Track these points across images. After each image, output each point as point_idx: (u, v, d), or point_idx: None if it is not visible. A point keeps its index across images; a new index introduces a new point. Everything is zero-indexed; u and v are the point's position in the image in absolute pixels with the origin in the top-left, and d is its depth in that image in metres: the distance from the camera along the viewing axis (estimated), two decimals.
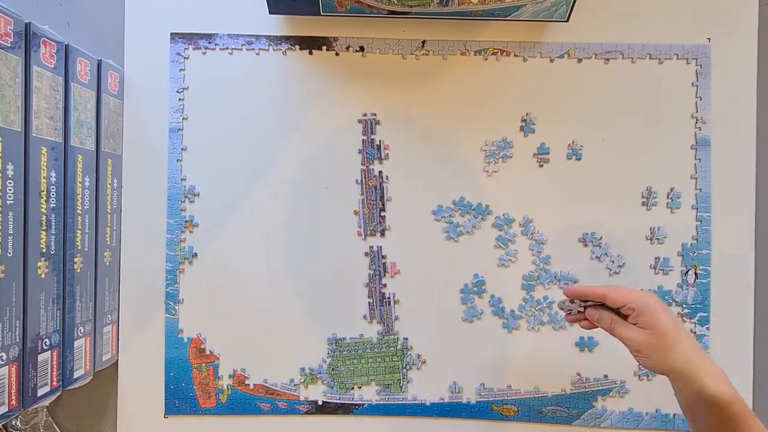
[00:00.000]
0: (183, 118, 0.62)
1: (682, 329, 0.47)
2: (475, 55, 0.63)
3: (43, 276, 0.49)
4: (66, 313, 0.53)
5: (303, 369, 0.63)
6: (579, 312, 0.52)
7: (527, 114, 0.63)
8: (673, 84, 0.63)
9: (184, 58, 0.63)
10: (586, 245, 0.63)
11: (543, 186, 0.63)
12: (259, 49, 0.63)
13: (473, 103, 0.63)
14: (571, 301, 0.52)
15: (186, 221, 0.62)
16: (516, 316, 0.63)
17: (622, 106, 0.63)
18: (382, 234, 0.63)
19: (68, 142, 0.53)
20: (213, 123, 0.63)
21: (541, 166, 0.63)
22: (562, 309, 0.52)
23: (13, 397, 0.47)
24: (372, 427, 0.63)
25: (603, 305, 0.51)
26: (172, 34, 0.63)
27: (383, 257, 0.63)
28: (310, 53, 0.63)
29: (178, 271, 0.62)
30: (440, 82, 0.63)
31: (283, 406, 0.63)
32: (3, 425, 0.58)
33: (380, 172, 0.63)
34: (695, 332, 0.62)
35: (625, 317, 0.49)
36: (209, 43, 0.63)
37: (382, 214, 0.63)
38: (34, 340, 0.49)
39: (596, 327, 0.51)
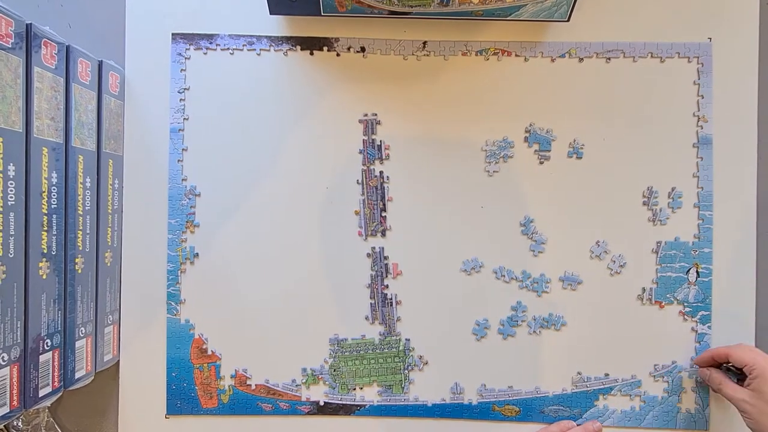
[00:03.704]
0: (184, 119, 0.63)
1: None
2: (476, 55, 0.63)
3: (44, 276, 0.49)
4: (67, 313, 0.53)
5: (305, 369, 0.63)
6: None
7: (531, 124, 0.63)
8: (675, 83, 0.63)
9: (185, 58, 0.63)
10: (587, 245, 0.63)
11: (544, 186, 0.63)
12: (260, 49, 0.63)
13: (474, 103, 0.63)
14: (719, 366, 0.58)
15: (187, 221, 0.62)
16: (516, 316, 0.63)
17: (623, 105, 0.63)
18: (383, 234, 0.63)
19: (69, 142, 0.53)
20: (214, 123, 0.63)
21: (541, 163, 0.63)
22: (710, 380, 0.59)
23: (15, 398, 0.47)
24: (373, 428, 0.63)
25: (720, 365, 0.58)
26: (173, 34, 0.63)
27: (385, 258, 0.63)
28: (311, 54, 0.63)
29: (179, 272, 0.62)
30: (441, 82, 0.63)
31: (285, 407, 0.63)
32: (4, 426, 0.58)
33: (381, 173, 0.63)
34: (696, 330, 0.62)
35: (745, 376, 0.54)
36: (210, 43, 0.63)
37: (383, 214, 0.63)
38: (35, 340, 0.49)
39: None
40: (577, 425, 0.61)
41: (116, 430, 0.63)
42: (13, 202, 0.45)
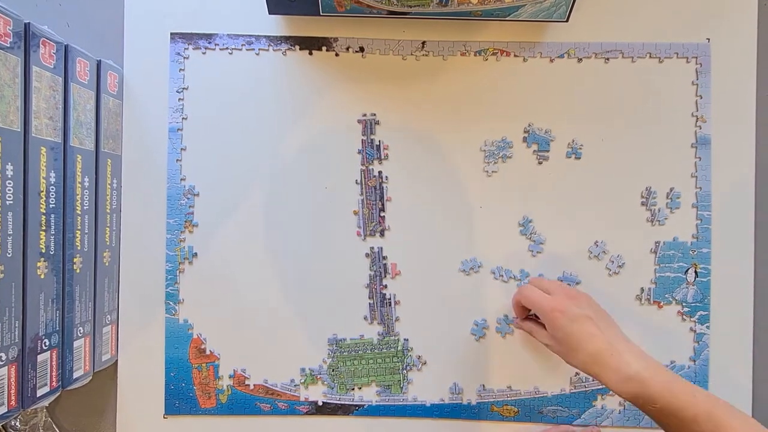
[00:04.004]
0: (183, 118, 0.62)
1: (583, 328, 0.48)
2: (475, 55, 0.63)
3: (42, 276, 0.49)
4: (65, 313, 0.53)
5: (303, 369, 0.63)
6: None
7: (530, 125, 0.63)
8: (673, 83, 0.63)
9: (184, 58, 0.63)
10: (585, 245, 0.63)
11: (542, 186, 0.63)
12: (259, 49, 0.63)
13: (473, 103, 0.63)
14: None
15: (186, 221, 0.62)
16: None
17: (621, 105, 0.63)
18: (382, 234, 0.63)
19: (68, 142, 0.53)
20: (213, 123, 0.63)
21: (540, 163, 0.63)
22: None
23: (13, 398, 0.46)
24: (372, 428, 0.63)
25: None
26: (171, 34, 0.63)
27: (384, 258, 0.63)
28: (310, 54, 0.63)
29: (177, 271, 0.62)
30: (440, 82, 0.63)
31: (283, 407, 0.63)
32: (2, 425, 0.58)
33: (380, 173, 0.63)
34: (695, 330, 0.62)
35: None
36: (209, 43, 0.63)
37: (382, 214, 0.63)
38: (33, 340, 0.49)
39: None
40: (576, 426, 0.61)
41: (114, 430, 0.62)
42: (11, 202, 0.45)
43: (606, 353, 0.47)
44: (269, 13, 0.60)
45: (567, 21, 0.60)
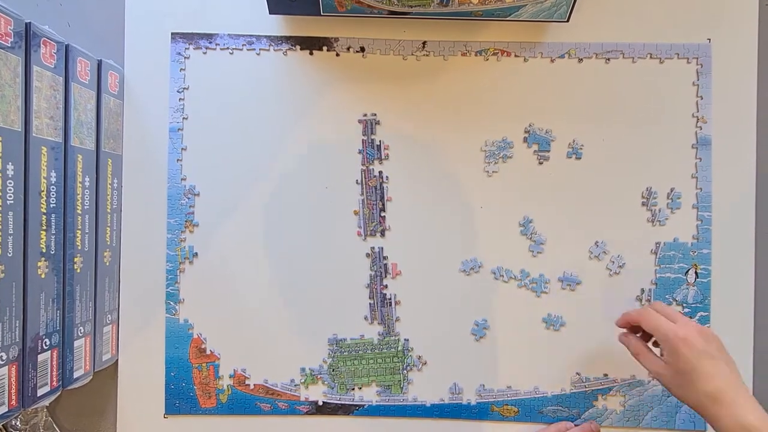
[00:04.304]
0: (183, 118, 0.62)
1: (707, 365, 0.47)
2: (475, 55, 0.63)
3: (43, 276, 0.49)
4: (66, 313, 0.53)
5: (303, 369, 0.63)
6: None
7: (530, 125, 0.63)
8: (674, 83, 0.63)
9: (185, 57, 0.63)
10: (586, 245, 0.63)
11: (543, 186, 0.63)
12: (260, 49, 0.63)
13: (473, 103, 0.63)
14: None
15: (186, 221, 0.62)
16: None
17: (622, 106, 0.63)
18: (382, 234, 0.63)
19: (68, 141, 0.53)
20: (213, 123, 0.63)
21: (540, 163, 0.63)
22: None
23: (13, 397, 0.46)
24: (372, 428, 0.63)
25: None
26: (172, 33, 0.63)
27: (384, 258, 0.63)
28: (311, 54, 0.63)
29: (178, 271, 0.62)
30: (441, 82, 0.63)
31: (284, 407, 0.63)
32: (3, 425, 0.58)
33: (380, 173, 0.63)
34: None
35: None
36: (210, 43, 0.63)
37: (382, 214, 0.63)
38: (34, 340, 0.49)
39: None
40: (575, 426, 0.61)
41: (115, 429, 0.62)
42: (12, 202, 0.45)
43: (726, 396, 0.46)
44: (270, 13, 0.60)
45: (568, 21, 0.60)
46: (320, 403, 0.63)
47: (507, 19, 0.60)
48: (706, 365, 0.47)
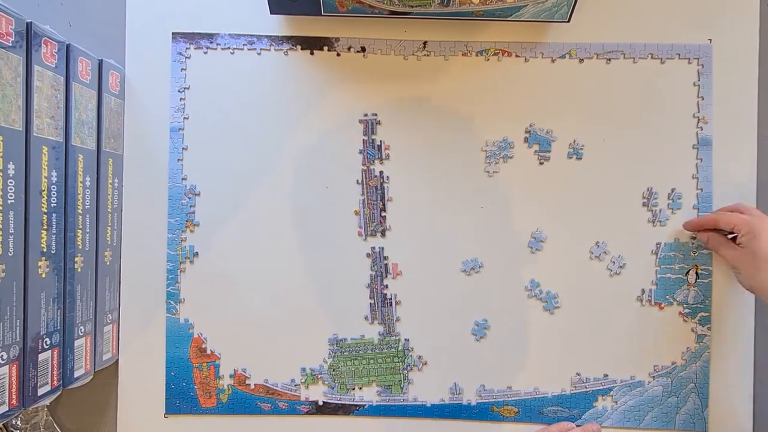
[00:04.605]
0: (184, 118, 0.62)
1: None
2: (476, 55, 0.63)
3: (43, 275, 0.49)
4: (66, 312, 0.53)
5: (304, 369, 0.63)
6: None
7: (531, 125, 0.63)
8: (675, 84, 0.63)
9: (186, 57, 0.63)
10: (586, 245, 0.63)
11: (543, 186, 0.63)
12: (261, 49, 0.63)
13: (474, 103, 0.63)
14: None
15: (187, 221, 0.62)
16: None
17: (623, 106, 0.63)
18: (383, 234, 0.63)
19: (69, 141, 0.53)
20: (214, 122, 0.63)
21: (541, 163, 0.63)
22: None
23: (14, 397, 0.46)
24: (372, 428, 0.63)
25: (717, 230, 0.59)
26: (173, 33, 0.63)
27: (385, 258, 0.63)
28: (312, 53, 0.63)
29: (179, 271, 0.62)
30: (441, 82, 0.63)
31: (284, 407, 0.63)
32: (3, 424, 0.58)
33: (381, 173, 0.63)
34: (696, 332, 0.62)
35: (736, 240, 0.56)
36: (211, 42, 0.63)
37: (383, 214, 0.63)
38: (34, 339, 0.49)
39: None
40: (576, 426, 0.61)
41: (115, 428, 0.62)
42: (12, 201, 0.45)
43: None
44: (271, 13, 0.60)
45: (568, 21, 0.60)
46: (320, 403, 0.63)
47: (508, 19, 0.60)
48: None
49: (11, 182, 0.45)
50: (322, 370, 0.63)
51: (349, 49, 0.63)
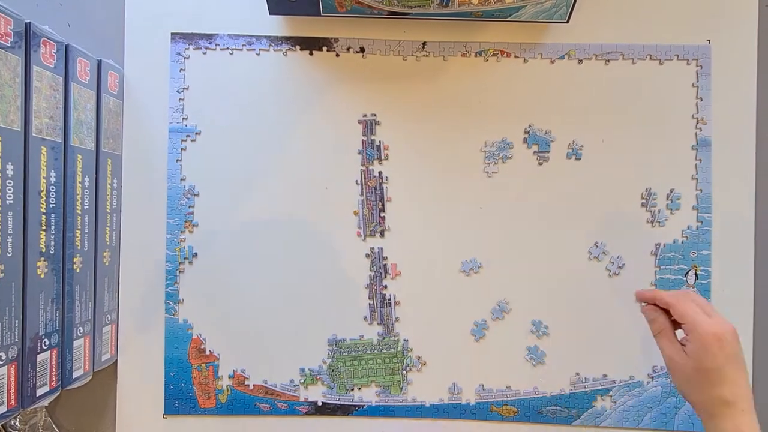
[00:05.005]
0: (183, 118, 0.62)
1: (734, 369, 0.45)
2: (475, 56, 0.63)
3: (42, 276, 0.49)
4: (65, 313, 0.53)
5: (303, 370, 0.63)
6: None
7: (530, 126, 0.63)
8: (674, 85, 0.63)
9: (185, 58, 0.63)
10: (585, 246, 0.63)
11: (543, 187, 0.63)
12: (260, 49, 0.63)
13: (473, 104, 0.63)
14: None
15: (186, 221, 0.62)
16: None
17: (622, 107, 0.63)
18: (382, 235, 0.63)
19: (68, 141, 0.53)
20: (213, 123, 0.63)
21: (540, 164, 0.63)
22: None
23: (12, 397, 0.46)
24: (371, 429, 0.63)
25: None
26: (172, 34, 0.63)
27: (384, 258, 0.63)
28: (311, 54, 0.63)
29: (177, 271, 0.62)
30: (440, 83, 0.63)
31: (283, 407, 0.63)
32: (2, 425, 0.58)
33: (380, 173, 0.63)
34: None
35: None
36: (210, 43, 0.63)
37: (382, 214, 0.63)
38: (33, 340, 0.49)
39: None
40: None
41: (114, 429, 0.62)
42: (11, 202, 0.45)
43: (741, 404, 0.45)
44: (270, 14, 0.60)
45: (567, 22, 0.60)
46: (320, 404, 0.63)
47: (507, 19, 0.60)
48: (732, 369, 0.45)
49: (10, 182, 0.45)
50: (321, 370, 0.63)
51: (348, 49, 0.63)
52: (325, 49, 0.63)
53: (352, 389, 0.63)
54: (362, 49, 0.63)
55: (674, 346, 0.49)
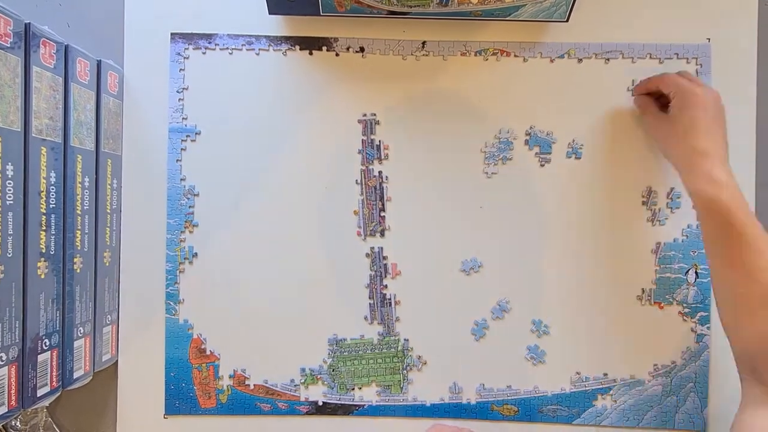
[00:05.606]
0: (183, 118, 0.62)
1: (709, 124, 0.49)
2: (475, 55, 0.63)
3: (42, 276, 0.49)
4: (66, 313, 0.53)
5: (303, 369, 0.63)
6: None
7: (531, 127, 0.63)
8: None
9: (184, 58, 0.63)
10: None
11: (543, 186, 0.63)
12: (259, 49, 0.63)
13: (473, 103, 0.63)
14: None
15: (186, 221, 0.62)
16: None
17: (622, 106, 0.63)
18: (382, 234, 0.63)
19: (68, 142, 0.53)
20: (213, 123, 0.63)
21: (542, 165, 0.63)
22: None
23: (13, 398, 0.46)
24: (372, 428, 0.63)
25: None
26: (172, 34, 0.63)
27: (384, 258, 0.63)
28: (310, 54, 0.63)
29: (178, 271, 0.62)
30: (440, 82, 0.63)
31: (284, 407, 0.63)
32: (3, 425, 0.58)
33: (380, 173, 0.63)
34: (696, 331, 0.62)
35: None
36: (209, 43, 0.63)
37: (382, 214, 0.63)
38: (33, 340, 0.49)
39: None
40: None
41: (115, 429, 0.62)
42: (11, 202, 0.45)
43: (712, 154, 0.48)
44: (269, 13, 0.60)
45: (567, 21, 0.60)
46: (320, 404, 0.63)
47: (506, 19, 0.60)
48: (710, 124, 0.49)
49: (10, 183, 0.45)
50: (322, 370, 0.63)
51: (347, 49, 0.63)
52: (324, 48, 0.63)
53: (353, 389, 0.63)
54: (362, 49, 0.63)
55: (658, 113, 0.55)
